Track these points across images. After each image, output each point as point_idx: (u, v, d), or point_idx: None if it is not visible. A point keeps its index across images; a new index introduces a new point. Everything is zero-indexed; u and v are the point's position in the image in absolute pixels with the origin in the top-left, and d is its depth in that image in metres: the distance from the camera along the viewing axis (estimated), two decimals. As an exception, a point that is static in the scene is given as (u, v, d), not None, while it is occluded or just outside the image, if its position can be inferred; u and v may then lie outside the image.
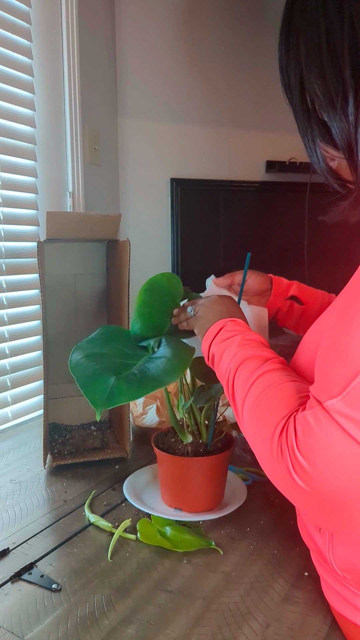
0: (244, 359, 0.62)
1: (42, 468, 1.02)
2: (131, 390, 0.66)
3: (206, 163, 2.04)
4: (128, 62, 1.88)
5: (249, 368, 0.60)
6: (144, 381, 0.67)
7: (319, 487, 0.46)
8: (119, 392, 0.65)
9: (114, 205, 1.89)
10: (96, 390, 0.66)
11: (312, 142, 0.59)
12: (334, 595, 0.60)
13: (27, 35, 1.35)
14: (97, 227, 1.01)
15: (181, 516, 0.80)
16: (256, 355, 0.62)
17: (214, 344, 0.69)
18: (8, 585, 0.68)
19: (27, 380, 1.40)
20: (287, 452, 0.48)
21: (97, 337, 0.78)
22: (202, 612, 0.62)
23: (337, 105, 0.53)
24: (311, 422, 0.47)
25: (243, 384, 0.59)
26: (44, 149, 1.47)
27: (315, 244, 2.14)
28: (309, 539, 0.64)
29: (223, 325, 0.69)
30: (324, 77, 0.54)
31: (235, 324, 0.69)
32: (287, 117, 0.65)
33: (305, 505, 0.49)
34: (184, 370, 0.70)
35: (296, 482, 0.48)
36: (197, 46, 1.97)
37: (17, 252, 1.36)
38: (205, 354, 0.71)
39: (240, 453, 1.04)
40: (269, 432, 0.52)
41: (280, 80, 0.62)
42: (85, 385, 0.67)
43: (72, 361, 0.72)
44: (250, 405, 0.57)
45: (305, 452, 0.47)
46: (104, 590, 0.66)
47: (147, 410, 1.16)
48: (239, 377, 0.61)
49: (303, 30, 0.56)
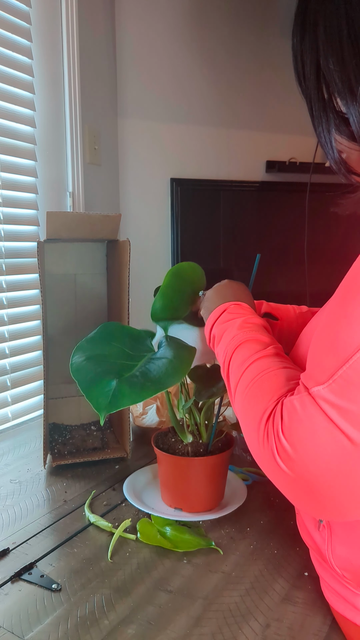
0: (241, 341, 0.62)
1: (42, 468, 1.02)
2: (134, 393, 0.65)
3: (206, 163, 2.04)
4: (128, 62, 1.88)
5: (246, 352, 0.60)
6: (147, 384, 0.67)
7: (300, 471, 0.47)
8: (121, 395, 0.65)
9: (114, 205, 1.89)
10: (99, 394, 0.66)
11: (327, 132, 0.57)
12: (333, 595, 0.60)
13: (27, 35, 1.35)
14: (97, 227, 1.01)
15: (181, 516, 0.80)
16: (254, 338, 0.62)
17: (215, 325, 0.69)
18: (8, 585, 0.68)
19: (27, 380, 1.40)
20: (273, 436, 0.49)
21: (98, 336, 0.78)
22: (202, 612, 0.62)
23: (357, 93, 0.51)
24: (297, 407, 0.48)
25: (238, 367, 0.59)
26: (44, 149, 1.48)
27: (315, 244, 2.14)
28: (308, 537, 0.64)
29: (226, 308, 0.69)
30: (343, 64, 0.52)
31: (238, 307, 0.69)
32: (287, 117, 0.65)
33: (289, 490, 0.49)
34: (186, 372, 0.70)
35: (280, 465, 0.48)
36: (197, 46, 1.97)
37: (17, 252, 1.36)
38: (207, 335, 0.71)
39: (240, 453, 1.04)
40: (257, 416, 0.52)
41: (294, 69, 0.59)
42: (88, 390, 0.67)
43: (74, 364, 0.71)
44: (242, 388, 0.57)
45: (289, 436, 0.47)
46: (104, 590, 0.66)
47: (147, 410, 1.16)
48: (235, 359, 0.61)
49: (322, 15, 0.53)
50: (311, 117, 0.59)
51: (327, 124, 0.57)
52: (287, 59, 0.66)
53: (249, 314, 0.68)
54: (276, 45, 2.04)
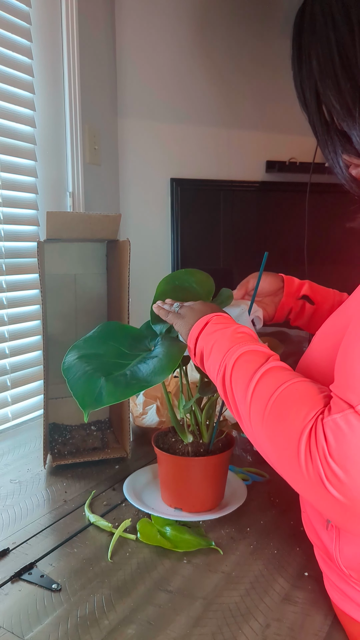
0: (240, 353, 0.60)
1: (42, 468, 1.02)
2: (118, 391, 0.66)
3: (206, 163, 2.04)
4: (128, 62, 1.88)
5: (250, 364, 0.58)
6: (132, 382, 0.67)
7: (354, 495, 0.44)
8: (107, 393, 0.65)
9: (114, 205, 1.89)
10: (85, 391, 0.66)
11: (334, 152, 0.60)
12: (337, 593, 0.60)
13: (27, 35, 1.35)
14: (97, 227, 1.01)
15: (181, 516, 0.80)
16: (253, 350, 0.60)
17: (201, 337, 0.67)
18: (8, 585, 0.68)
19: (27, 380, 1.40)
20: (318, 459, 0.46)
21: (96, 336, 0.78)
22: (202, 612, 0.62)
23: (356, 114, 0.55)
24: (343, 427, 0.45)
25: (244, 381, 0.57)
26: (44, 149, 1.47)
27: (315, 244, 2.14)
28: (314, 535, 0.63)
29: (209, 320, 0.68)
30: (339, 89, 0.56)
31: (221, 317, 0.69)
32: (287, 117, 0.66)
33: (339, 515, 0.47)
34: (172, 369, 0.69)
35: (329, 491, 0.45)
36: (198, 46, 1.97)
37: (17, 252, 1.36)
38: (191, 349, 0.69)
39: (240, 453, 1.04)
40: (292, 435, 0.49)
41: (297, 97, 0.65)
42: (75, 387, 0.67)
43: (65, 363, 0.72)
44: (259, 404, 0.54)
45: (339, 459, 0.44)
46: (104, 590, 0.66)
47: (147, 410, 1.16)
48: (238, 373, 0.59)
49: (314, 47, 0.58)
50: (317, 140, 0.62)
51: (332, 145, 0.60)
52: (288, 59, 0.67)
53: (234, 324, 0.67)
54: (276, 45, 2.04)
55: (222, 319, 0.68)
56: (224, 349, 0.62)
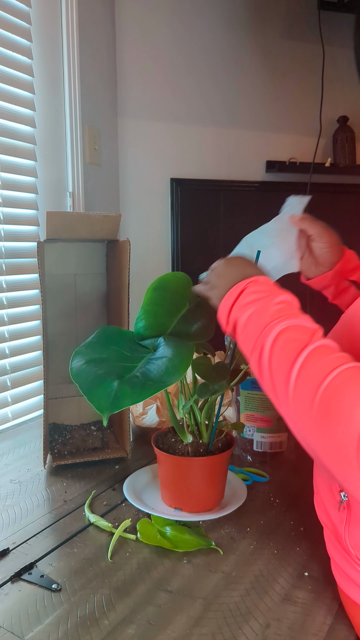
0: (280, 330, 0.55)
1: (42, 468, 1.02)
2: (135, 392, 0.65)
3: (206, 163, 2.04)
4: (128, 62, 1.88)
5: (292, 344, 0.53)
6: (147, 383, 0.67)
7: None
8: (123, 395, 0.65)
9: (114, 205, 1.89)
10: (100, 395, 0.65)
11: None
12: (343, 578, 0.60)
13: (27, 35, 1.35)
14: (97, 227, 1.01)
15: (181, 516, 0.80)
16: (295, 326, 0.55)
17: (235, 309, 0.62)
18: (8, 585, 0.68)
19: (27, 380, 1.40)
20: None
21: (96, 341, 0.78)
22: (202, 612, 0.62)
23: None
24: None
25: (286, 364, 0.53)
26: (44, 149, 1.47)
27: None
28: (326, 516, 0.63)
29: (244, 287, 0.63)
30: None
31: (257, 284, 0.63)
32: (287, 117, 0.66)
33: None
34: (186, 369, 0.69)
35: None
36: (198, 46, 1.97)
37: (17, 252, 1.36)
38: (223, 321, 0.65)
39: (240, 453, 1.04)
40: (348, 438, 0.46)
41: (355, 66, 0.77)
42: (89, 392, 0.66)
43: (74, 369, 0.71)
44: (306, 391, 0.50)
45: None
46: (104, 590, 0.66)
47: (147, 410, 1.16)
48: (278, 354, 0.54)
49: None
50: None
51: None
52: (288, 59, 0.68)
53: (272, 291, 0.61)
54: (277, 45, 2.04)
55: (257, 286, 0.62)
56: (261, 325, 0.57)
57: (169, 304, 0.79)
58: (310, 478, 0.70)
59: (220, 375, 0.78)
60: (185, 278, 0.80)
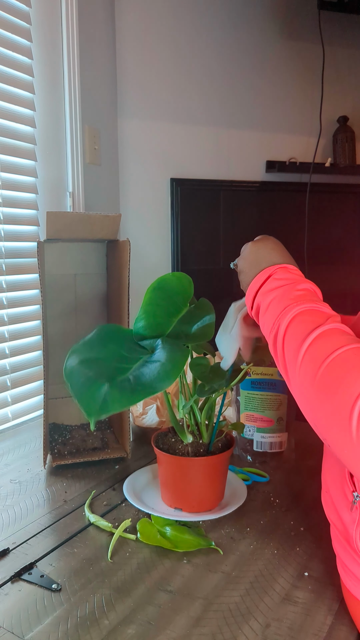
0: (297, 312, 0.57)
1: (42, 468, 1.02)
2: (124, 397, 0.64)
3: (206, 163, 2.04)
4: (128, 62, 1.88)
5: (305, 324, 0.55)
6: (137, 388, 0.66)
7: None
8: (112, 400, 0.64)
9: (114, 205, 1.89)
10: (89, 399, 0.64)
11: None
12: (349, 577, 0.60)
13: (27, 35, 1.35)
14: (97, 227, 1.01)
15: (181, 516, 0.80)
16: (311, 309, 0.57)
17: (260, 293, 0.64)
18: (8, 585, 0.68)
19: (27, 380, 1.40)
20: None
21: (94, 339, 0.77)
22: (202, 612, 0.62)
23: None
24: None
25: (297, 341, 0.54)
26: (44, 149, 1.48)
27: (315, 244, 2.14)
28: (335, 515, 0.62)
29: (272, 273, 0.65)
30: None
31: (285, 271, 0.65)
32: (287, 117, 0.66)
33: None
34: (177, 376, 0.67)
35: None
36: (198, 46, 1.97)
37: (17, 252, 1.36)
38: (249, 303, 0.67)
39: (240, 453, 1.04)
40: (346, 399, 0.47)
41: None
42: (79, 394, 0.65)
43: (67, 368, 0.70)
44: (311, 365, 0.52)
45: None
46: (104, 590, 0.66)
47: (147, 410, 1.16)
48: (292, 332, 0.56)
49: None
50: None
51: None
52: (288, 59, 0.67)
53: (297, 279, 0.63)
54: (276, 45, 2.04)
55: (284, 273, 0.65)
56: (281, 307, 0.60)
57: (169, 305, 0.79)
58: (310, 478, 0.70)
59: (218, 376, 0.78)
60: (185, 278, 0.80)
